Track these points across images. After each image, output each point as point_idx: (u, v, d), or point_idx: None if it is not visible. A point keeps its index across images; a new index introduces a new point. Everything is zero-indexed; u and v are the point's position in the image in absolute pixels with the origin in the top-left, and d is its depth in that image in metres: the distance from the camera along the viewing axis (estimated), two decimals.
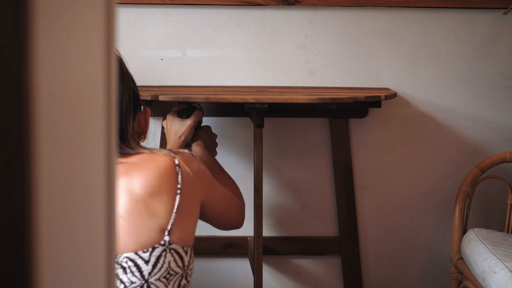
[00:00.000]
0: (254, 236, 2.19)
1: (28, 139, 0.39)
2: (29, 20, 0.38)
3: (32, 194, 0.39)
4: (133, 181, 1.42)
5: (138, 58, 2.45)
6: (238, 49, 2.47)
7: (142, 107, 1.60)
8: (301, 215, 2.55)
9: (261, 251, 2.17)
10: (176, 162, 1.46)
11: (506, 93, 2.53)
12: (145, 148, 1.51)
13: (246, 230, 2.37)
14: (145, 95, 2.15)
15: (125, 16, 2.42)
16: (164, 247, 1.42)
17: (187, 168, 1.48)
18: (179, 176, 1.45)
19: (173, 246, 1.43)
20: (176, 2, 2.43)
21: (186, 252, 1.45)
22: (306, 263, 2.58)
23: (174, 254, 1.43)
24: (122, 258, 1.40)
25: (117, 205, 0.80)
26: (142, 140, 1.57)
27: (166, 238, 1.42)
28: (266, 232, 2.49)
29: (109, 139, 0.53)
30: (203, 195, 1.54)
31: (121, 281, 1.40)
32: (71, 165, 0.46)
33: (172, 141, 2.01)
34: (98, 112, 0.51)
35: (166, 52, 2.45)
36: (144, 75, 2.46)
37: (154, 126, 2.47)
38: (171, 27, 2.45)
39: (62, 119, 0.44)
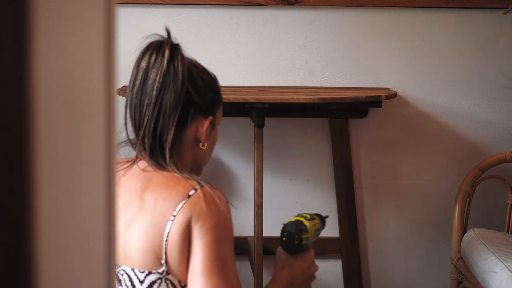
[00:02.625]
0: (254, 236, 2.19)
1: (28, 139, 0.39)
2: (29, 20, 0.38)
3: (32, 194, 0.39)
4: (146, 193, 1.37)
5: None
6: (238, 49, 2.47)
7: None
8: None
9: (261, 251, 2.17)
10: (191, 193, 1.33)
11: (506, 93, 2.53)
12: (178, 170, 1.37)
13: (246, 230, 2.37)
14: None
15: (125, 16, 2.42)
16: (161, 276, 1.34)
17: (198, 200, 1.33)
18: (180, 205, 1.33)
19: (170, 277, 1.34)
20: (176, 2, 2.43)
21: (183, 287, 1.35)
22: None
23: (170, 286, 1.34)
24: (119, 269, 1.38)
25: (117, 205, 0.80)
26: (202, 147, 1.45)
27: (164, 268, 1.33)
28: (266, 232, 2.49)
29: (109, 139, 0.53)
30: (195, 232, 1.33)
31: None
32: (71, 164, 0.46)
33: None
34: (98, 112, 0.51)
35: None
36: None
37: None
38: (171, 27, 2.44)
39: (62, 119, 0.44)
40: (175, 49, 1.45)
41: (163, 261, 1.34)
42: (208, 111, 1.46)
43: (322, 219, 1.62)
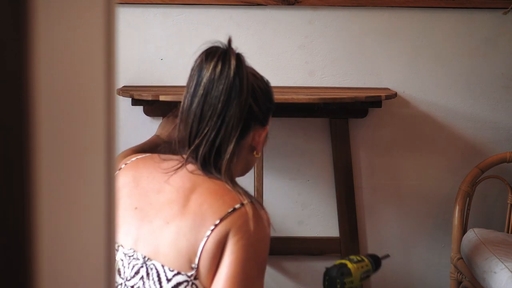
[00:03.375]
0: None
1: (28, 139, 0.39)
2: (29, 20, 0.38)
3: (32, 194, 0.39)
4: (193, 196, 1.35)
5: (138, 58, 2.44)
6: (238, 49, 2.47)
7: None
8: (301, 215, 2.55)
9: None
10: (237, 206, 1.32)
11: (506, 93, 2.53)
12: (235, 185, 1.36)
13: None
14: (145, 95, 2.15)
15: (125, 16, 2.42)
16: (188, 279, 1.33)
17: (239, 216, 1.32)
18: (225, 214, 1.31)
19: (197, 282, 1.32)
20: (176, 2, 2.43)
21: None
22: (306, 263, 2.58)
23: None
24: (150, 263, 1.37)
25: (117, 204, 0.80)
26: (256, 155, 1.47)
27: (194, 272, 1.32)
28: None
29: (110, 138, 0.53)
30: (229, 247, 1.31)
31: (143, 285, 1.36)
32: (71, 164, 0.46)
33: None
34: (98, 112, 0.51)
35: (166, 52, 2.45)
36: (144, 75, 2.46)
37: (156, 126, 2.47)
38: (171, 27, 2.45)
39: (62, 119, 0.44)
40: (241, 60, 1.44)
41: (194, 265, 1.33)
42: (265, 120, 1.47)
43: (376, 260, 1.57)
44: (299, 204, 2.54)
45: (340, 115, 2.47)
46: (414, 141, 2.54)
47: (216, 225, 1.32)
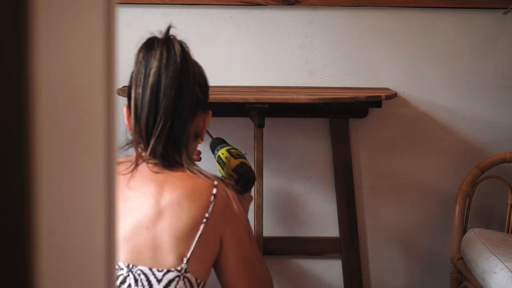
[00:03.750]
0: (254, 236, 2.19)
1: (28, 139, 0.39)
2: (29, 20, 0.38)
3: (32, 194, 0.39)
4: (164, 193, 1.37)
5: None
6: (238, 49, 2.47)
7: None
8: (301, 215, 2.55)
9: (262, 251, 2.17)
10: (214, 191, 1.38)
11: (506, 93, 2.53)
12: (194, 167, 1.41)
13: None
14: None
15: (125, 16, 2.42)
16: (179, 274, 1.36)
17: (222, 200, 1.39)
18: (211, 206, 1.37)
19: (188, 275, 1.37)
20: (176, 2, 2.43)
21: (198, 285, 1.39)
22: (306, 264, 2.58)
23: (187, 284, 1.37)
24: (136, 270, 1.38)
25: (117, 204, 0.80)
26: (200, 142, 1.49)
27: (184, 265, 1.36)
28: (266, 232, 2.49)
29: (110, 138, 0.53)
30: (226, 234, 1.41)
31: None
32: (71, 164, 0.46)
33: None
34: (98, 112, 0.51)
35: None
36: None
37: None
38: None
39: (62, 118, 0.44)
40: (183, 46, 1.44)
41: (185, 259, 1.36)
42: (206, 105, 1.48)
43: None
44: (299, 204, 2.54)
45: (340, 115, 2.47)
46: (414, 141, 2.54)
47: (207, 219, 1.36)
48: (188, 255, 1.36)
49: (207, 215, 1.37)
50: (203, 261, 1.38)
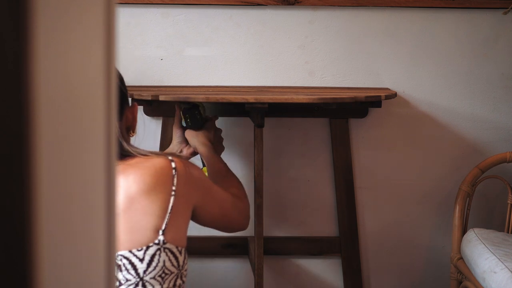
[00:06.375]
0: (254, 236, 2.19)
1: (28, 139, 0.39)
2: (29, 20, 0.38)
3: (32, 194, 0.39)
4: (129, 180, 1.44)
5: (138, 58, 2.45)
6: (238, 49, 2.47)
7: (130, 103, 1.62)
8: (301, 215, 2.55)
9: (262, 251, 2.17)
10: (173, 165, 1.49)
11: (506, 93, 2.53)
12: (142, 150, 1.53)
13: (247, 230, 2.37)
14: (145, 95, 2.16)
15: (125, 16, 2.42)
16: (159, 246, 1.43)
17: (182, 172, 1.50)
18: (175, 178, 1.47)
19: (167, 245, 1.44)
20: (176, 2, 2.43)
21: (180, 252, 1.47)
22: (306, 263, 2.58)
23: (169, 254, 1.44)
24: (117, 256, 1.41)
25: (117, 204, 0.80)
26: (132, 135, 1.59)
27: (161, 237, 1.43)
28: (266, 232, 2.49)
29: (109, 138, 0.53)
30: (197, 199, 1.56)
31: (117, 279, 1.41)
32: (71, 164, 0.46)
33: (175, 148, 2.06)
34: (98, 112, 0.51)
35: (166, 52, 2.45)
36: (144, 75, 2.46)
37: (156, 126, 2.47)
38: (171, 27, 2.45)
39: (62, 119, 0.44)
40: None
41: (161, 231, 1.44)
42: (127, 98, 1.60)
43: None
44: (299, 204, 2.54)
45: (340, 115, 2.47)
46: (414, 141, 2.54)
47: (175, 191, 1.47)
48: (163, 226, 1.44)
49: (174, 188, 1.47)
50: (179, 228, 1.47)
